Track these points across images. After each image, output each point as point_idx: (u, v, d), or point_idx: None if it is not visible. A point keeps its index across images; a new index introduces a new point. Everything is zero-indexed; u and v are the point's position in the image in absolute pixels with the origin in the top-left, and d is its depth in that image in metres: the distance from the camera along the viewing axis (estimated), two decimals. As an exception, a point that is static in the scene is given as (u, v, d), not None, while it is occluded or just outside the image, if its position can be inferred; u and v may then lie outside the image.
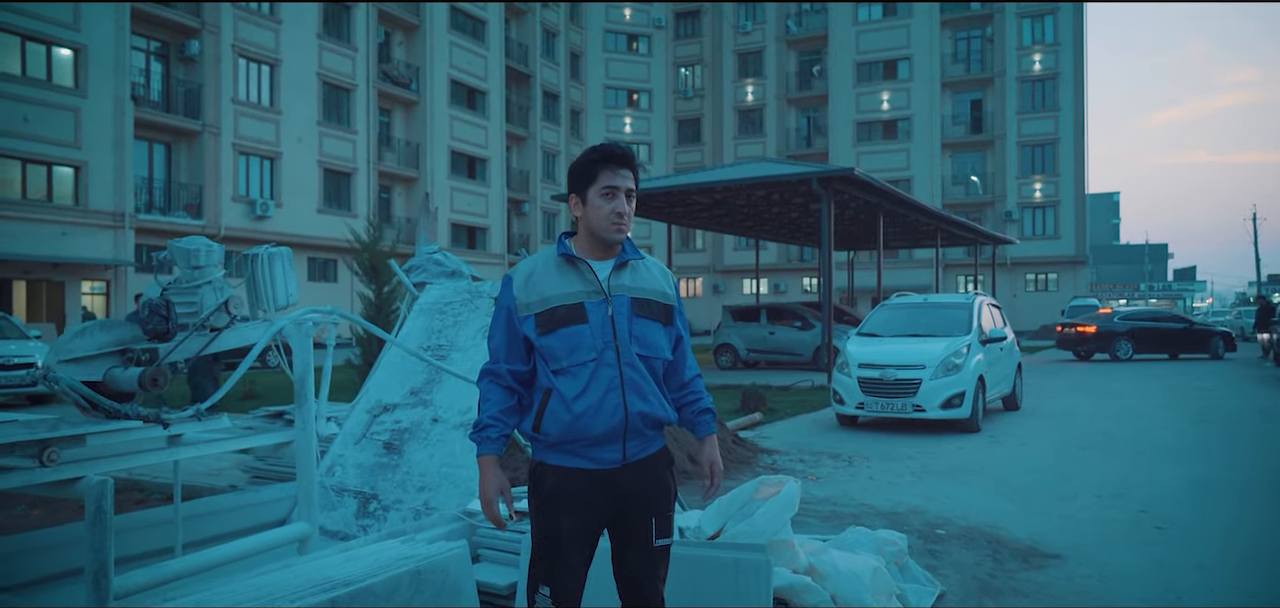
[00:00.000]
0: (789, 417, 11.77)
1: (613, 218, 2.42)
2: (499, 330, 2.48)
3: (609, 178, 2.43)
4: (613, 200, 2.42)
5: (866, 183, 17.96)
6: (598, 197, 2.43)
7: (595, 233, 2.45)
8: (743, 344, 21.89)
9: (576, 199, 2.49)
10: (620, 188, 2.43)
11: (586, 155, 2.47)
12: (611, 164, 2.43)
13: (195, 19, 31.64)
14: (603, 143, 2.50)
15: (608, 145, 2.47)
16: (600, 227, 2.43)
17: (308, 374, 3.65)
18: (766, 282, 52.50)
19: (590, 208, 2.44)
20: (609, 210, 2.42)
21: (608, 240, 2.44)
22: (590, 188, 2.44)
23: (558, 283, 2.42)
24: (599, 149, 2.47)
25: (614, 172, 2.43)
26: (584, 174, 2.46)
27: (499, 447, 2.44)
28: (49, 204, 26.84)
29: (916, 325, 11.09)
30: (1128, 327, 24.28)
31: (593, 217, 2.44)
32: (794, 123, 56.37)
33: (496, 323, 2.49)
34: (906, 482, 7.12)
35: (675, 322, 2.56)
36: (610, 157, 2.44)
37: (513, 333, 2.45)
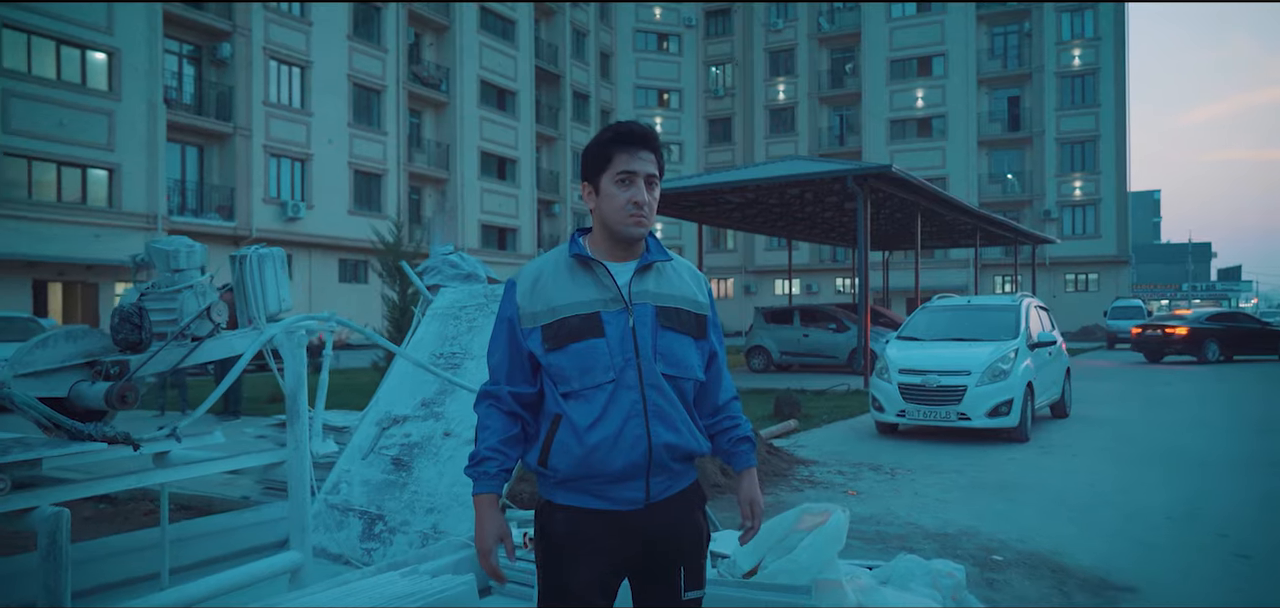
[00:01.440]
0: (825, 424, 11.30)
1: (629, 209, 2.02)
2: (500, 346, 2.09)
3: (625, 161, 2.03)
4: (630, 188, 2.03)
5: (904, 181, 17.41)
6: (612, 184, 2.04)
7: (611, 228, 2.05)
8: (776, 347, 21.40)
9: (589, 188, 2.10)
10: (639, 173, 2.03)
11: (599, 136, 2.08)
12: (628, 144, 2.04)
13: (227, 22, 31.76)
14: (620, 121, 2.11)
15: (624, 123, 2.08)
16: (616, 220, 2.04)
17: (300, 388, 3.30)
18: (799, 282, 51.84)
19: (604, 198, 2.05)
20: (625, 200, 2.02)
21: (625, 237, 2.05)
22: (604, 174, 2.05)
23: (569, 289, 2.03)
24: (613, 127, 2.07)
25: (631, 153, 2.03)
26: (596, 158, 2.07)
27: (498, 484, 2.06)
28: (83, 206, 27.02)
29: (960, 329, 10.57)
30: (1219, 328, 23.32)
31: (607, 208, 2.04)
32: (826, 122, 55.62)
33: (497, 337, 2.11)
34: (955, 498, 6.65)
35: (709, 335, 2.16)
36: (626, 135, 2.04)
37: (516, 349, 2.06)
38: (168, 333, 3.09)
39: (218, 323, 3.16)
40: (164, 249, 3.17)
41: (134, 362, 2.92)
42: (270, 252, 3.39)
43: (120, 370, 2.92)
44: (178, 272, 3.14)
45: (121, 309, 2.93)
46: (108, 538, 3.87)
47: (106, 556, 3.78)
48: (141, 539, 3.82)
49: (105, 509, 6.49)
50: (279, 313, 3.40)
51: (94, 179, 27.47)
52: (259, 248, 3.36)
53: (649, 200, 2.05)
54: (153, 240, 3.23)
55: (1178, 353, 23.27)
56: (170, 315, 3.11)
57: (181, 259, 3.16)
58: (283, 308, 3.40)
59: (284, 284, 3.41)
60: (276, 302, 3.37)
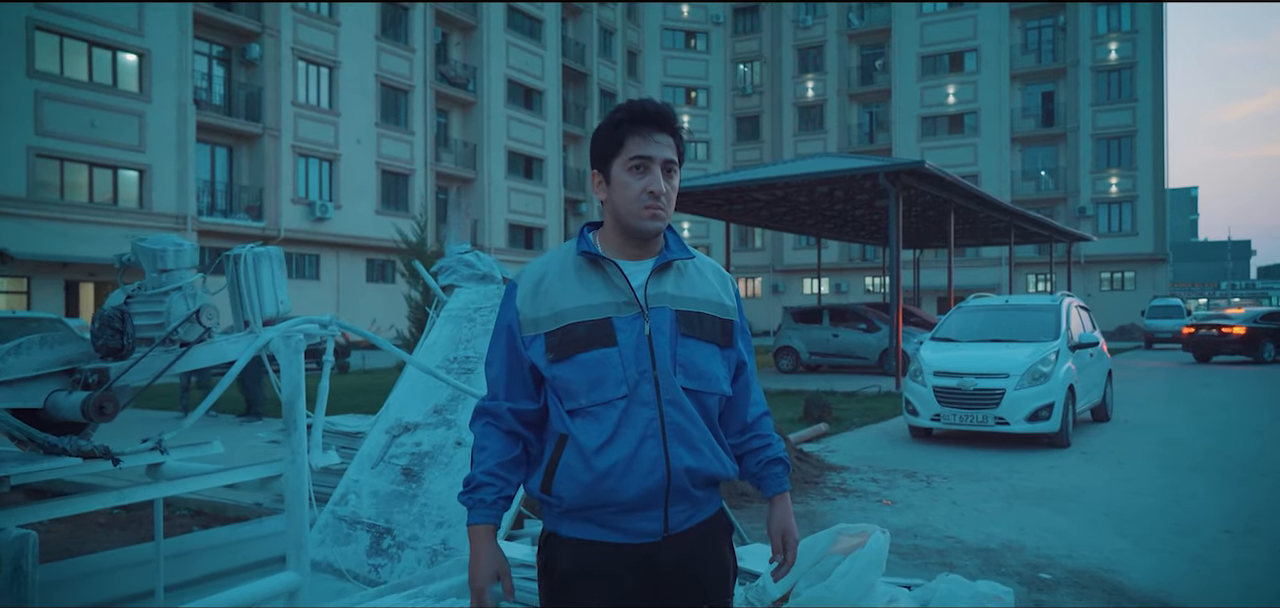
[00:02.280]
0: (856, 427, 10.98)
1: (644, 200, 1.77)
2: (498, 356, 1.85)
3: (639, 145, 1.77)
4: (644, 176, 1.77)
5: (938, 177, 16.99)
6: (624, 171, 1.78)
7: (624, 222, 1.80)
8: (805, 347, 21.04)
9: (599, 177, 1.84)
10: (655, 159, 1.77)
11: (610, 116, 1.82)
12: (642, 126, 1.78)
13: (256, 23, 31.93)
14: (633, 99, 1.85)
15: (638, 102, 1.82)
16: (629, 213, 1.78)
17: (298, 396, 3.08)
18: (827, 281, 51.31)
19: (616, 187, 1.80)
20: (639, 190, 1.77)
21: (640, 232, 1.79)
22: (615, 160, 1.80)
23: (576, 292, 1.78)
24: (625, 107, 1.81)
25: (646, 137, 1.78)
26: (606, 142, 1.81)
27: (496, 513, 1.81)
28: (114, 207, 27.25)
29: (997, 330, 10.20)
30: (1276, 328, 22.58)
31: (619, 199, 1.79)
32: (856, 119, 54.99)
33: (495, 346, 1.86)
34: (996, 508, 6.32)
35: (736, 342, 1.90)
36: (640, 115, 1.79)
37: (516, 359, 1.82)
38: (154, 338, 2.89)
39: (208, 327, 2.95)
40: (150, 249, 2.97)
41: (114, 369, 2.72)
42: (266, 251, 3.18)
43: (100, 379, 2.72)
44: (165, 272, 2.94)
45: (102, 313, 2.73)
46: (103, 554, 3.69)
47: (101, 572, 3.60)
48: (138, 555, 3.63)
49: (119, 516, 6.35)
50: (277, 316, 3.18)
51: (125, 180, 27.70)
52: (254, 247, 3.16)
53: (667, 190, 1.80)
54: (138, 239, 3.03)
55: (1233, 353, 22.56)
56: (157, 319, 2.91)
57: (169, 259, 2.95)
58: (280, 311, 3.19)
59: (282, 285, 3.20)
60: (273, 304, 3.16)
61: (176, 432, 2.99)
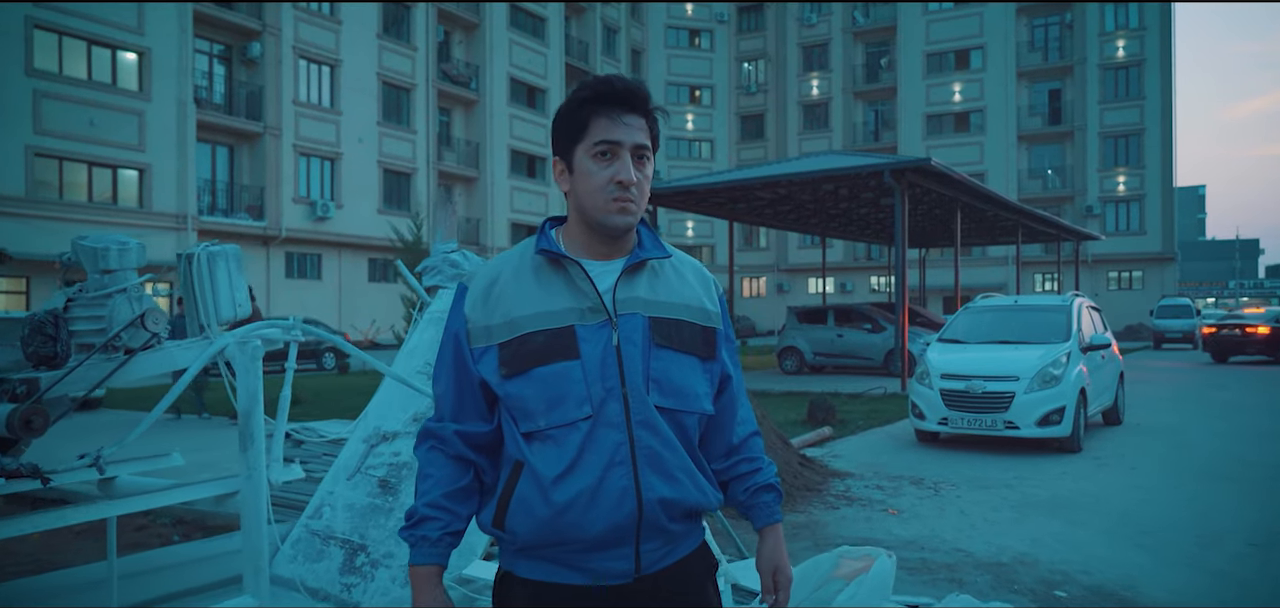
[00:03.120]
0: (861, 431, 10.72)
1: (611, 191, 1.52)
2: (445, 370, 1.60)
3: (605, 128, 1.53)
4: (611, 163, 1.53)
5: (944, 175, 16.72)
6: (588, 158, 1.54)
7: (588, 216, 1.56)
8: (809, 347, 20.76)
9: (561, 166, 1.59)
10: (624, 144, 1.53)
11: (573, 94, 1.57)
12: (610, 106, 1.53)
13: (257, 21, 31.75)
14: (599, 76, 1.60)
15: (605, 78, 1.57)
16: (593, 205, 1.54)
17: (254, 407, 2.84)
18: (832, 281, 50.99)
19: (578, 176, 1.55)
20: (605, 179, 1.52)
21: (606, 227, 1.55)
22: (578, 145, 1.55)
23: (533, 296, 1.54)
24: (590, 85, 1.56)
25: (613, 119, 1.53)
26: (569, 124, 1.56)
27: (441, 552, 1.57)
28: (114, 206, 27.09)
29: (1006, 331, 9.93)
30: None
31: (582, 189, 1.55)
32: (861, 117, 54.67)
33: (442, 358, 1.62)
34: (1007, 518, 6.06)
35: (719, 353, 1.65)
36: (608, 94, 1.54)
37: (464, 374, 1.57)
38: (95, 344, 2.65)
39: (155, 333, 2.71)
40: (92, 247, 2.73)
41: (46, 379, 2.49)
42: (222, 249, 2.94)
43: (30, 390, 2.49)
44: (108, 273, 2.70)
45: (34, 318, 2.49)
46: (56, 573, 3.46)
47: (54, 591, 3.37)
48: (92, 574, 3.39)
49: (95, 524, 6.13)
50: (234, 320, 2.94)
51: (125, 179, 27.54)
52: (209, 245, 2.92)
53: (639, 179, 1.55)
54: (79, 238, 2.80)
55: (1256, 353, 22.19)
56: (98, 324, 2.68)
57: (112, 258, 2.72)
58: (238, 314, 2.95)
59: (240, 286, 2.96)
60: (230, 307, 2.92)
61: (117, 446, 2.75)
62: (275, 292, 32.34)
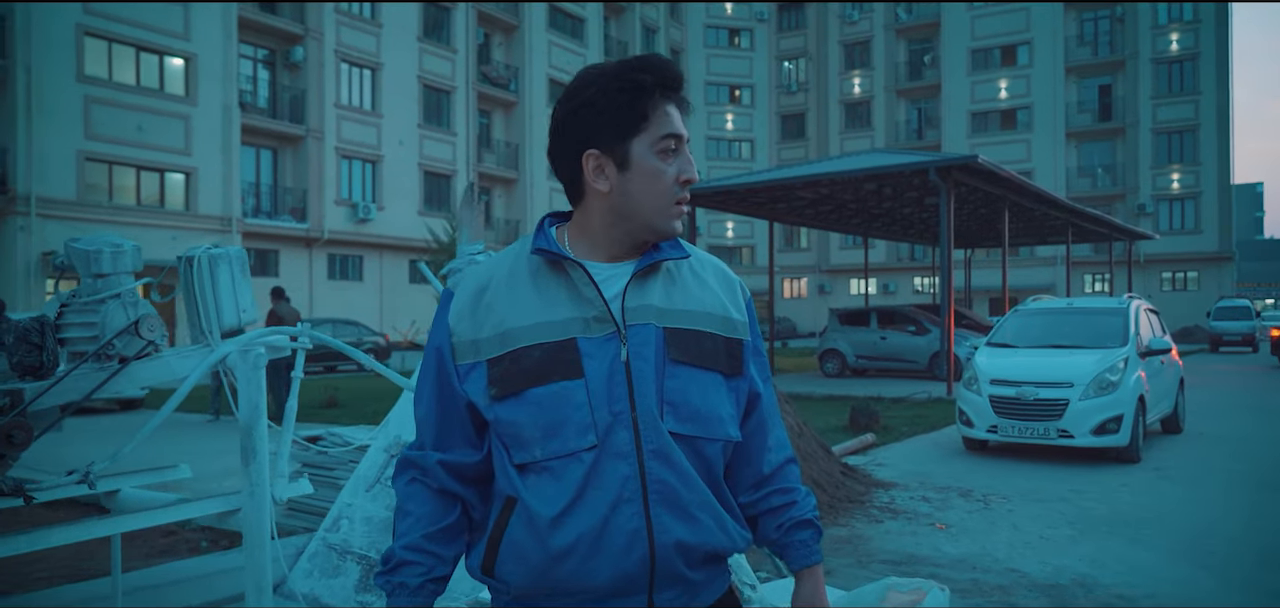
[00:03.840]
0: (906, 437, 10.37)
1: (676, 192, 1.36)
2: (427, 390, 1.40)
3: (670, 120, 1.35)
4: (675, 160, 1.36)
5: (992, 172, 16.24)
6: (653, 154, 1.34)
7: (639, 221, 1.36)
8: (851, 350, 20.35)
9: (602, 161, 1.35)
10: (685, 137, 1.38)
11: (621, 76, 1.33)
12: (671, 93, 1.37)
13: (299, 25, 32.10)
14: (647, 56, 1.37)
15: (658, 60, 1.36)
16: (655, 211, 1.36)
17: (257, 420, 2.67)
18: (875, 282, 50.27)
19: (638, 176, 1.34)
20: (672, 179, 1.35)
21: (662, 233, 1.38)
22: (637, 138, 1.33)
23: (529, 305, 1.33)
24: (645, 66, 1.35)
25: (676, 109, 1.37)
26: (623, 115, 1.33)
27: (424, 599, 1.37)
28: (161, 209, 27.55)
29: (1059, 335, 9.52)
30: None
31: (642, 192, 1.34)
32: (904, 115, 53.83)
33: (423, 377, 1.41)
34: (1063, 535, 5.72)
35: (747, 369, 1.43)
36: (670, 79, 1.36)
37: (448, 395, 1.37)
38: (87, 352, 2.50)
39: (151, 340, 2.56)
40: (84, 250, 2.59)
41: (30, 391, 2.34)
42: (224, 252, 2.78)
43: (13, 402, 2.34)
44: (101, 277, 2.56)
45: (18, 325, 2.35)
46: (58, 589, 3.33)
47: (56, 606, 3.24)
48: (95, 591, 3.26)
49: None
50: (238, 327, 2.78)
51: (172, 182, 27.99)
52: (210, 247, 2.76)
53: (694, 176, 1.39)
54: (71, 239, 2.65)
55: None
56: (91, 331, 2.53)
57: (105, 262, 2.57)
58: (243, 321, 2.79)
59: (244, 291, 2.79)
60: (233, 314, 2.75)
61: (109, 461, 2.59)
62: (318, 293, 32.70)
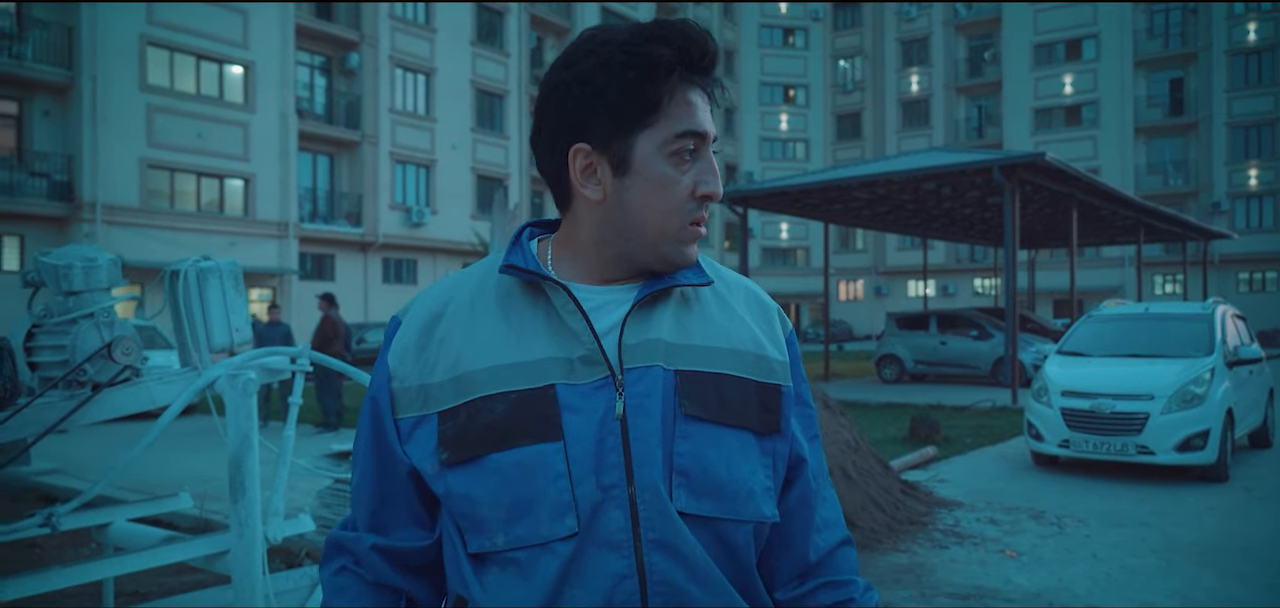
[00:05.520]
0: (969, 450, 9.84)
1: (692, 211, 1.02)
2: (360, 454, 1.08)
3: (690, 112, 1.00)
4: (693, 166, 1.02)
5: (1059, 171, 15.53)
6: (664, 157, 1.01)
7: (640, 243, 1.03)
8: (909, 355, 19.69)
9: (595, 158, 1.02)
10: (710, 136, 1.02)
11: (629, 48, 0.98)
12: (697, 75, 1.01)
13: (355, 31, 32.45)
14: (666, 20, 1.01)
15: (684, 29, 1.01)
16: (662, 231, 1.02)
17: (247, 452, 2.40)
18: (934, 284, 49.05)
19: (639, 183, 1.01)
20: (687, 192, 1.01)
21: (673, 260, 1.04)
22: (643, 133, 1.00)
23: (495, 339, 1.00)
24: (665, 34, 1.00)
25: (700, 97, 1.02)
26: (626, 97, 0.99)
27: None
28: (221, 215, 28.04)
29: (1137, 343, 8.91)
30: None
31: (644, 204, 1.01)
32: (963, 113, 52.48)
33: (358, 436, 1.09)
34: (1148, 566, 5.22)
35: (787, 423, 1.08)
36: (697, 54, 1.01)
37: (385, 461, 1.05)
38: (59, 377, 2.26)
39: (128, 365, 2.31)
40: (54, 264, 2.35)
41: (-17, 424, 2.10)
42: (214, 266, 2.52)
43: (-32, 437, 2.11)
44: (72, 294, 2.31)
45: (-25, 350, 2.11)
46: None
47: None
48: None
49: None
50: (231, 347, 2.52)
51: (231, 188, 28.48)
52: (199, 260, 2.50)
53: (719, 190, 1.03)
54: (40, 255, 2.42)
55: None
56: (61, 354, 2.29)
57: (77, 278, 2.32)
58: (236, 340, 2.53)
59: (238, 309, 2.54)
60: (225, 333, 2.50)
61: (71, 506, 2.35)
62: (372, 296, 33.04)
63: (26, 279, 2.46)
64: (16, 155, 24.21)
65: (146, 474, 7.50)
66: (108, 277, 2.42)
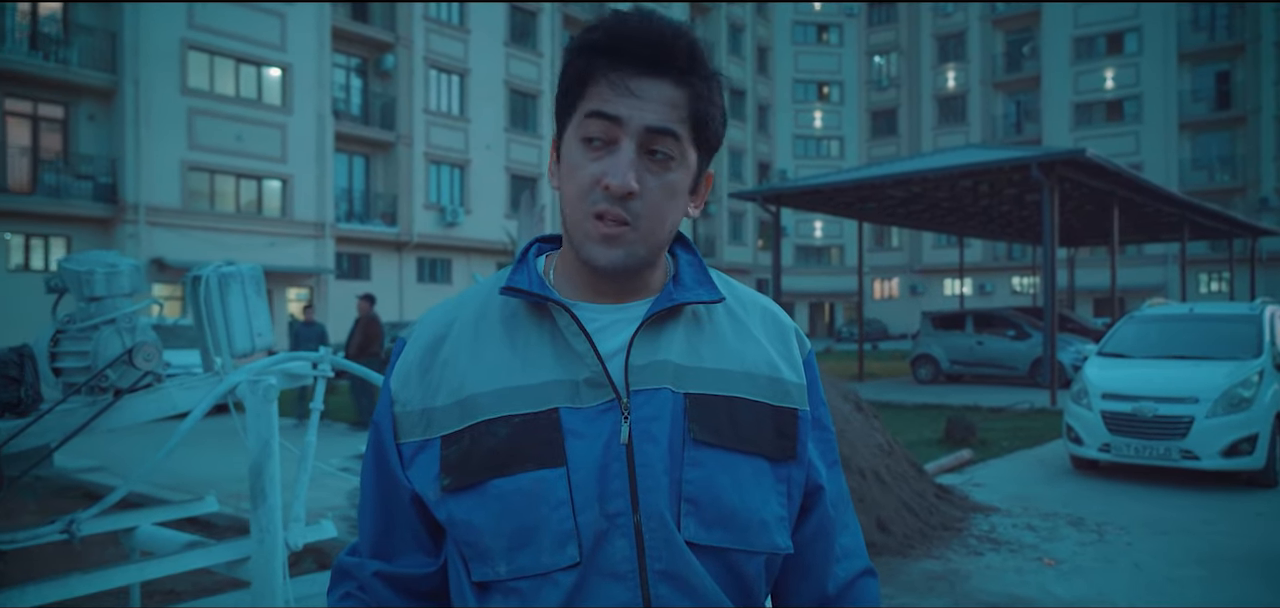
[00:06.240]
0: (1006, 453, 9.65)
1: (594, 202, 0.95)
2: (367, 479, 1.04)
3: (604, 95, 0.95)
4: (604, 156, 0.95)
5: (1100, 167, 15.20)
6: (576, 144, 0.97)
7: (569, 239, 0.99)
8: (945, 355, 19.41)
9: (554, 158, 1.03)
10: (627, 123, 0.94)
11: (575, 41, 0.99)
12: (620, 61, 0.95)
13: (390, 33, 32.75)
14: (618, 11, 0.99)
15: (621, 16, 0.96)
16: (571, 224, 0.98)
17: (268, 459, 2.39)
18: (970, 282, 48.38)
19: (564, 171, 0.98)
20: (588, 182, 0.95)
21: (586, 260, 0.97)
22: (570, 119, 0.98)
23: (499, 362, 0.97)
24: (603, 23, 0.97)
25: (620, 83, 0.94)
26: (563, 89, 0.98)
27: None
28: (259, 216, 28.44)
29: (1182, 345, 8.67)
30: None
31: (563, 197, 0.98)
32: (1001, 109, 51.68)
33: (365, 460, 1.06)
34: (1193, 577, 5.06)
35: (803, 449, 1.02)
36: (621, 41, 0.95)
37: (388, 486, 1.01)
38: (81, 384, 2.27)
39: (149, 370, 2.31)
40: (76, 270, 2.35)
41: (2, 431, 2.11)
42: (236, 271, 2.51)
43: (-13, 444, 2.12)
44: (94, 300, 2.31)
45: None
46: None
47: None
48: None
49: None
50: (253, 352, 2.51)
51: (269, 190, 28.87)
52: (221, 266, 2.49)
53: (653, 188, 0.95)
54: (62, 260, 2.43)
55: None
56: (83, 360, 2.29)
57: (98, 284, 2.33)
58: (257, 345, 2.52)
59: (259, 314, 2.53)
60: (247, 338, 2.49)
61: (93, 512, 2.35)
62: (407, 296, 33.35)
63: (50, 285, 2.48)
64: (63, 158, 24.76)
65: (174, 473, 7.60)
66: (129, 282, 2.42)
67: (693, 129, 0.97)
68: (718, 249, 48.78)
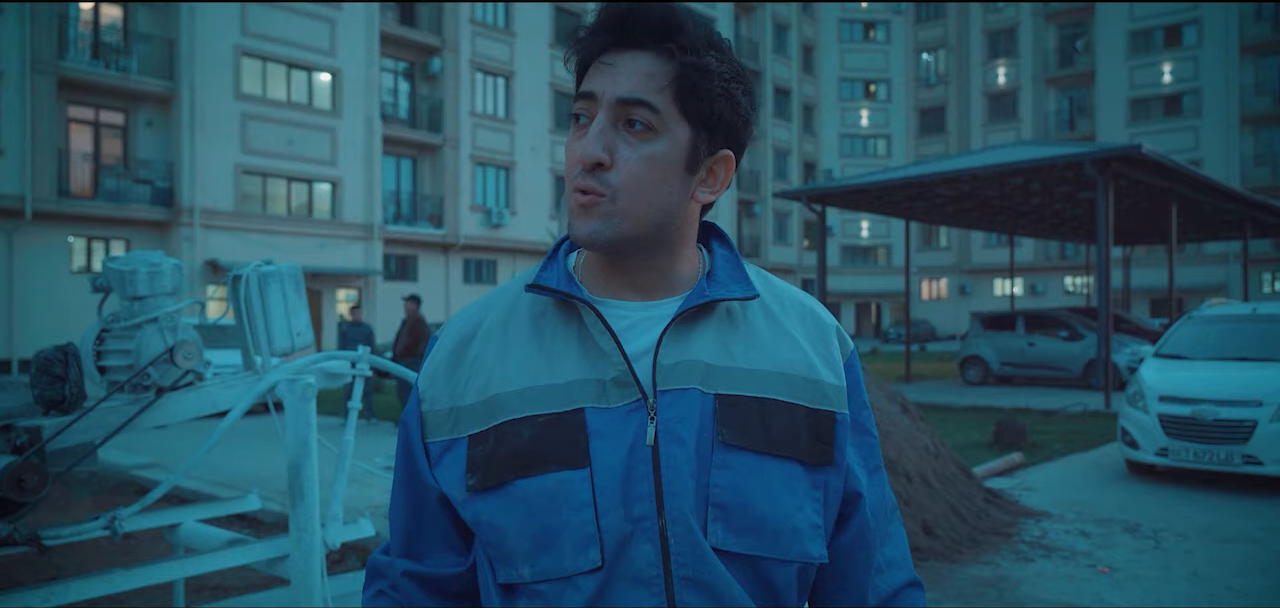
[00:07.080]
0: (1058, 457, 9.41)
1: (575, 178, 0.93)
2: (397, 479, 1.04)
3: (586, 78, 0.95)
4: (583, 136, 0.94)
5: (1156, 163, 14.78)
6: (574, 125, 0.96)
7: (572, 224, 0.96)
8: (995, 356, 19.03)
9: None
10: (600, 97, 0.93)
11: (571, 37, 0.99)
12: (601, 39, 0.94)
13: (437, 37, 33.15)
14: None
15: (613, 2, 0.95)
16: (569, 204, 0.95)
17: (306, 457, 2.41)
18: (1021, 282, 47.42)
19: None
20: (576, 154, 0.94)
21: (575, 240, 0.95)
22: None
23: (526, 361, 0.95)
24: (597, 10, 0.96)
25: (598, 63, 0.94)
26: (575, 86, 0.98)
27: None
28: (309, 218, 28.98)
29: (1243, 346, 8.37)
30: None
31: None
32: (1053, 105, 50.57)
33: (396, 459, 1.05)
34: (1256, 587, 4.87)
35: (841, 454, 0.98)
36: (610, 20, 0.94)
37: (417, 486, 1.00)
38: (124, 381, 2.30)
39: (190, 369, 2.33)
40: (120, 270, 2.39)
41: (47, 428, 2.14)
42: (276, 270, 2.54)
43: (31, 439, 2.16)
44: (137, 299, 2.35)
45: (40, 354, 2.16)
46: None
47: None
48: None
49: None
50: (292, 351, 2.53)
51: (319, 192, 29.40)
52: (261, 265, 2.52)
53: (626, 158, 0.92)
54: (107, 260, 2.47)
55: None
56: (126, 358, 2.33)
57: (141, 283, 2.36)
58: (297, 344, 2.54)
59: (298, 313, 2.55)
60: (286, 337, 2.51)
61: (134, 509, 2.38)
62: (454, 296, 33.74)
63: (95, 285, 2.53)
64: (123, 163, 25.49)
65: (221, 470, 7.76)
66: (172, 281, 2.45)
67: (677, 99, 0.93)
68: (763, 249, 48.48)
